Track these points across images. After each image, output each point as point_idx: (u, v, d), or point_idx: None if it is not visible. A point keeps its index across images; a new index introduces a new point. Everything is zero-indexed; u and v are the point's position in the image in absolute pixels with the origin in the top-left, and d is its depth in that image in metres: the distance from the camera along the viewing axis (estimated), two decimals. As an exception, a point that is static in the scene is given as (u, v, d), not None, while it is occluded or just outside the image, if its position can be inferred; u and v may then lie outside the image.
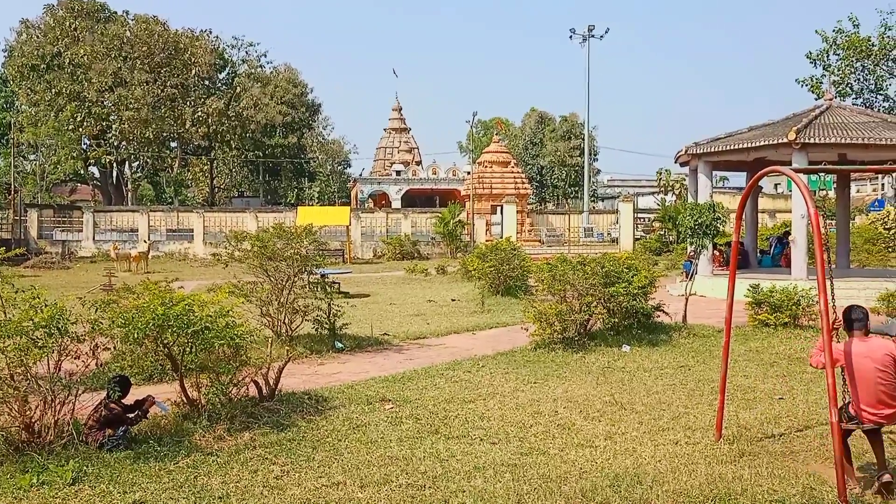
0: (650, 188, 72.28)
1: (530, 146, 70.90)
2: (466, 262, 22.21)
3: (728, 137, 20.96)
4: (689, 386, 9.11)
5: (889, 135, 18.17)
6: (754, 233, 25.74)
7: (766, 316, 13.40)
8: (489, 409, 8.12)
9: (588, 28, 53.57)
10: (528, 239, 42.49)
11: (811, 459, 6.29)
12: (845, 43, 35.82)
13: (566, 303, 11.77)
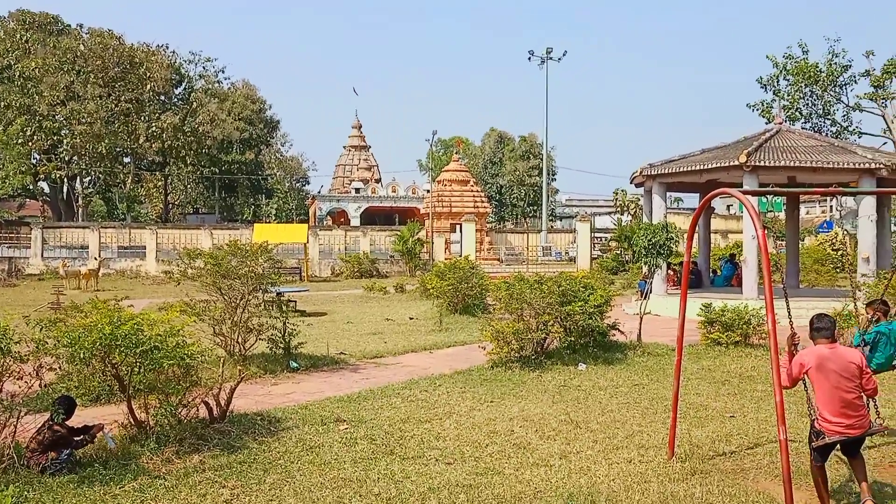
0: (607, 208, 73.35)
1: (490, 165, 71.51)
2: (425, 280, 22.19)
3: (681, 159, 21.40)
4: (643, 404, 9.19)
5: (836, 158, 18.77)
6: (707, 253, 26.24)
7: (718, 335, 13.64)
8: (445, 428, 8.07)
9: (546, 50, 54.31)
10: (487, 257, 42.67)
11: (761, 477, 6.38)
12: (795, 69, 36.95)
13: (523, 321, 11.81)
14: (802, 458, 6.87)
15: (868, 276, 17.59)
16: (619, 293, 25.06)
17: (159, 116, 52.34)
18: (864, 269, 18.87)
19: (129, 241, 41.55)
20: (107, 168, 53.27)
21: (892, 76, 34.16)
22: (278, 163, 71.04)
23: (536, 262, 41.49)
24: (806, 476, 6.21)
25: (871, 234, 19.38)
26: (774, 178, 20.45)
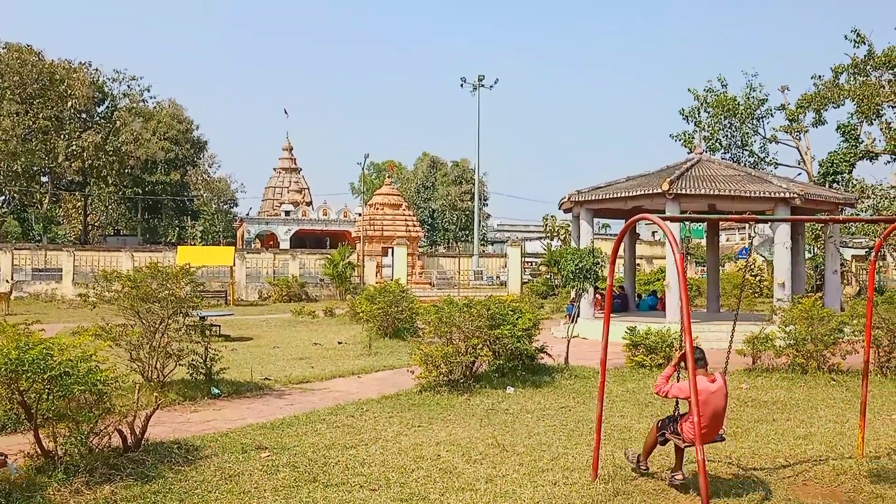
0: (538, 233, 74.47)
1: (422, 189, 71.85)
2: (355, 304, 21.95)
3: (608, 186, 21.94)
4: (570, 427, 9.25)
5: (753, 188, 19.55)
6: (632, 278, 26.88)
7: (643, 357, 13.92)
8: (371, 454, 7.94)
9: (478, 77, 55.20)
10: (419, 281, 42.66)
11: (680, 497, 6.47)
12: (714, 101, 38.42)
13: (452, 345, 11.77)
14: (719, 476, 7.03)
15: (784, 301, 18.29)
16: (549, 317, 25.48)
17: (80, 135, 50.68)
18: (780, 293, 19.63)
19: (45, 264, 39.83)
20: (22, 187, 51.11)
21: (806, 110, 35.87)
22: (205, 184, 69.62)
23: (468, 286, 41.70)
24: (724, 495, 6.35)
25: (787, 260, 20.20)
26: (695, 206, 21.16)
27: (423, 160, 75.76)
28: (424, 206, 70.59)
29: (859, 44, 32.00)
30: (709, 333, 16.47)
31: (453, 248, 65.25)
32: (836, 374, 12.98)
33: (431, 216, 70.78)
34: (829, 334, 13.44)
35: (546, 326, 19.74)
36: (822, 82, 34.25)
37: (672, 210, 19.11)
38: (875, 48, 31.52)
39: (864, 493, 6.58)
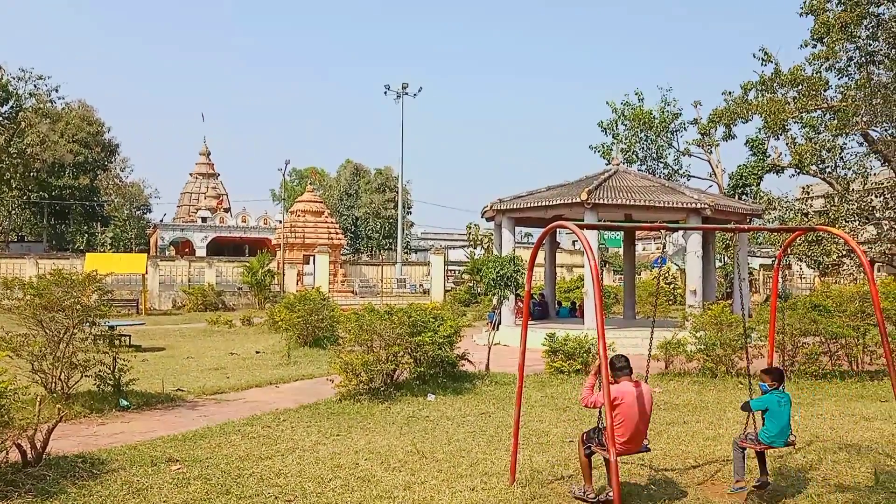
0: (461, 242, 74.94)
1: (345, 197, 71.25)
2: (274, 312, 21.52)
3: (529, 195, 22.28)
4: (489, 432, 9.30)
5: (667, 198, 20.22)
6: (553, 286, 27.35)
7: (561, 363, 14.16)
8: (287, 465, 7.76)
9: (402, 85, 55.28)
10: (341, 289, 42.24)
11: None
12: (631, 115, 39.61)
13: (373, 353, 11.68)
14: (631, 477, 7.20)
15: (695, 308, 18.94)
16: (471, 324, 25.61)
17: (-19, 136, 47.98)
18: (692, 300, 20.33)
19: (-59, 271, 37.43)
20: (-85, 190, 48.00)
21: (717, 125, 37.36)
22: (116, 189, 67.10)
23: (391, 294, 41.55)
24: (636, 495, 6.49)
25: (698, 268, 20.95)
26: (613, 216, 21.72)
27: (346, 167, 75.18)
28: (347, 214, 70.03)
29: (767, 62, 33.59)
30: (624, 340, 16.88)
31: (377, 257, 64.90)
32: (744, 378, 13.49)
33: (354, 224, 70.27)
34: (737, 339, 13.99)
35: (468, 334, 19.85)
36: (732, 98, 35.76)
37: (590, 219, 19.55)
38: (781, 67, 33.17)
39: (767, 490, 6.84)
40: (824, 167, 32.48)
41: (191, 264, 41.75)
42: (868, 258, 30.62)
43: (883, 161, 31.34)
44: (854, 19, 27.97)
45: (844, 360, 14.26)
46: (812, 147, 31.88)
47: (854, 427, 9.60)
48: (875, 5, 27.70)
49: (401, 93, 55.10)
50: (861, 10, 27.58)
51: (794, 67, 32.46)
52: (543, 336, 14.83)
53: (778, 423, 6.49)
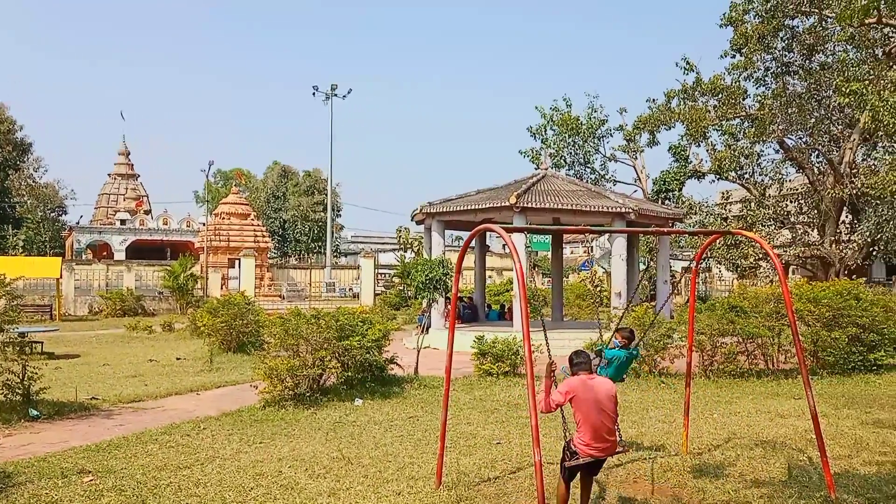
0: (392, 245, 74.67)
1: (272, 199, 69.91)
2: (196, 317, 20.90)
3: (458, 199, 22.34)
4: (417, 436, 9.22)
5: (593, 202, 20.60)
6: (482, 289, 27.49)
7: (490, 366, 14.21)
8: (207, 474, 7.50)
9: (331, 87, 54.71)
10: (268, 294, 41.46)
11: (522, 499, 6.60)
12: (559, 120, 40.23)
13: (299, 358, 11.45)
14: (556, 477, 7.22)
15: (619, 309, 19.33)
16: (401, 328, 25.49)
17: None
18: (617, 302, 20.76)
19: None
20: None
21: (641, 131, 38.30)
22: (29, 189, 64.10)
23: (320, 298, 41.02)
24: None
25: (623, 271, 21.41)
26: (541, 219, 21.99)
27: (273, 169, 73.80)
28: (275, 217, 68.73)
29: (689, 71, 34.64)
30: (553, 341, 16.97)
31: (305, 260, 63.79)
32: (666, 377, 13.85)
33: (282, 227, 69.05)
34: (660, 340, 14.34)
35: (398, 337, 19.72)
36: (656, 105, 36.71)
37: (519, 223, 19.73)
38: (702, 76, 34.27)
39: (687, 487, 6.99)
40: (742, 173, 33.67)
41: (109, 268, 40.22)
42: (783, 261, 31.97)
43: (797, 168, 32.76)
44: (770, 31, 29.15)
45: (761, 359, 14.78)
46: (731, 154, 33.02)
47: (769, 424, 9.93)
48: (790, 18, 28.93)
49: (330, 94, 54.52)
50: (777, 23, 28.76)
51: (715, 77, 33.57)
52: (473, 339, 14.86)
53: (614, 374, 7.46)
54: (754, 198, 32.91)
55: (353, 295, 44.92)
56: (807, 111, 29.37)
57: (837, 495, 6.58)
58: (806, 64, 29.78)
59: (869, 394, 12.36)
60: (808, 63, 29.74)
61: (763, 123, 30.54)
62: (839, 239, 30.05)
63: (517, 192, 20.19)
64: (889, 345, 14.89)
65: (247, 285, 36.93)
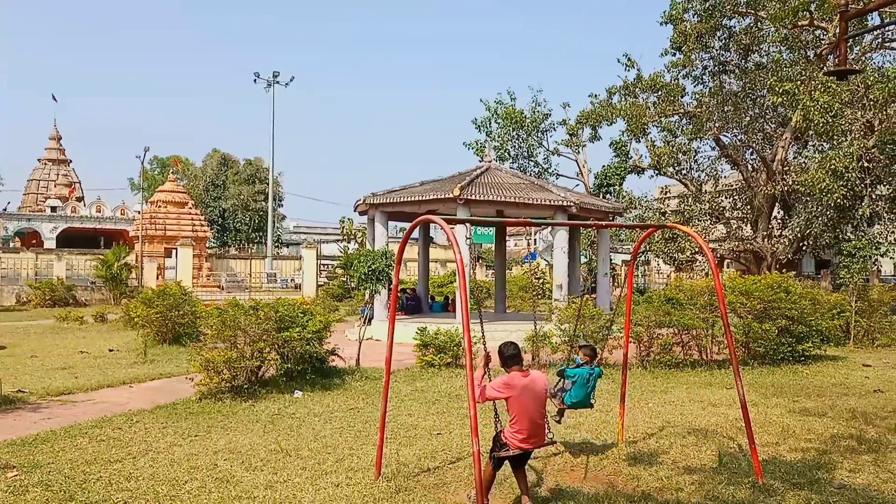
0: (335, 236, 73.98)
1: (212, 188, 68.21)
2: (130, 308, 20.31)
3: (402, 190, 22.23)
4: (357, 427, 9.16)
5: (535, 195, 20.76)
6: (426, 280, 27.46)
7: (432, 357, 14.22)
8: (139, 468, 7.30)
9: (273, 74, 53.81)
10: (207, 284, 40.64)
11: (460, 489, 6.62)
12: (504, 113, 40.45)
13: (237, 349, 11.24)
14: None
15: (560, 301, 19.59)
16: (343, 319, 25.33)
17: None
18: (558, 294, 21.01)
19: None
20: None
21: (583, 126, 38.83)
22: (-46, 175, 61.24)
23: (261, 289, 40.39)
24: (500, 484, 6.57)
25: (564, 264, 21.66)
26: (484, 211, 22.07)
27: (212, 157, 72.02)
28: (214, 206, 67.11)
29: (630, 67, 35.28)
30: (495, 333, 17.11)
31: (245, 250, 62.81)
32: (605, 368, 14.05)
33: (222, 216, 67.50)
34: (599, 331, 14.57)
35: (340, 329, 19.58)
36: (598, 101, 37.27)
37: (463, 215, 19.75)
38: (643, 73, 34.92)
39: (622, 475, 7.13)
40: (680, 169, 34.45)
41: (38, 256, 38.78)
42: (718, 255, 32.89)
43: (732, 165, 33.72)
44: (709, 30, 29.88)
45: (695, 349, 15.19)
46: (669, 150, 33.75)
47: (702, 413, 10.20)
48: (727, 18, 29.70)
49: (272, 81, 53.63)
50: (715, 22, 29.48)
51: (655, 74, 34.24)
52: (415, 330, 14.84)
53: (583, 392, 7.41)
54: (691, 193, 33.74)
55: (295, 286, 44.39)
56: (742, 110, 30.23)
57: (765, 481, 6.80)
58: (742, 63, 30.62)
59: (797, 383, 12.82)
60: (743, 63, 30.59)
61: (700, 121, 31.31)
62: (771, 234, 31.05)
63: (461, 184, 20.21)
64: (816, 336, 15.48)
65: (184, 275, 36.07)
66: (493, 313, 25.83)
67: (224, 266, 46.78)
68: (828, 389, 12.16)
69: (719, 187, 35.01)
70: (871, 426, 9.29)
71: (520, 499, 6.12)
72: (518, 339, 15.17)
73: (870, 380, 13.26)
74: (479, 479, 5.30)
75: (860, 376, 13.68)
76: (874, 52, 28.63)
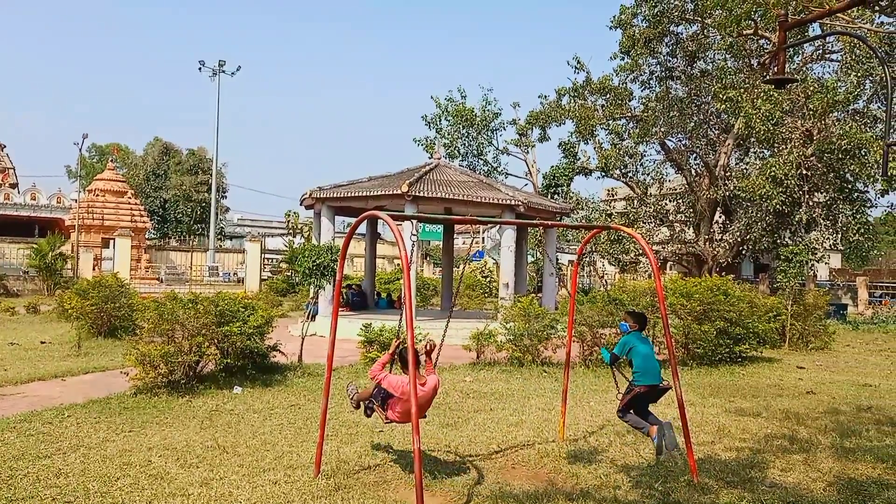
0: (281, 230, 72.94)
1: (153, 178, 66.34)
2: (65, 299, 19.63)
3: (350, 185, 22.03)
4: (298, 424, 9.03)
5: (484, 194, 20.82)
6: (372, 277, 27.32)
7: (377, 354, 14.05)
8: (69, 463, 7.04)
9: (219, 63, 52.74)
10: (146, 276, 39.63)
11: (401, 486, 6.57)
12: (454, 111, 40.52)
13: (175, 343, 10.95)
14: (437, 465, 7.26)
15: (506, 300, 19.68)
16: (287, 314, 24.99)
17: None
18: (504, 293, 21.12)
19: None
20: None
21: (533, 126, 39.17)
22: None
23: (202, 282, 39.59)
24: (440, 482, 6.55)
25: (511, 262, 21.80)
26: (433, 208, 22.03)
27: (154, 145, 70.05)
28: (155, 196, 65.26)
29: (580, 70, 35.74)
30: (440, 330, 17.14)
31: (187, 242, 61.30)
32: (548, 367, 14.22)
33: (163, 207, 65.74)
34: (543, 330, 14.70)
35: (284, 324, 19.31)
36: (548, 102, 37.64)
37: (410, 211, 19.67)
38: (592, 75, 35.38)
39: (562, 473, 7.18)
40: (626, 172, 35.05)
41: (-33, 245, 37.25)
42: (661, 257, 33.58)
43: (677, 169, 34.45)
44: (657, 36, 30.45)
45: (637, 349, 15.41)
46: (616, 153, 34.30)
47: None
48: (675, 24, 30.31)
49: (217, 70, 52.55)
50: (663, 28, 30.06)
51: (603, 77, 34.74)
52: (360, 326, 14.70)
53: (644, 359, 7.00)
54: (637, 196, 34.36)
55: (238, 280, 43.61)
56: (687, 115, 30.90)
57: (700, 479, 6.93)
58: (688, 70, 31.29)
59: (733, 384, 13.15)
60: (689, 69, 31.26)
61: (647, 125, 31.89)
62: (712, 238, 31.83)
63: (409, 180, 20.14)
64: (753, 338, 15.89)
65: (121, 267, 35.07)
66: (440, 311, 25.84)
67: (164, 258, 45.66)
68: (763, 390, 12.51)
69: (664, 191, 35.72)
70: (803, 426, 9.58)
71: None
72: (463, 339, 15.21)
73: (803, 381, 13.69)
74: (418, 476, 5.26)
75: (794, 378, 14.11)
76: (815, 63, 29.58)
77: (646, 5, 30.29)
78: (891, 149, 4.87)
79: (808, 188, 26.15)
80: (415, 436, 5.26)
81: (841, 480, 7.07)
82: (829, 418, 10.13)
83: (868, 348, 20.30)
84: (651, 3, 29.72)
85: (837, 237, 29.20)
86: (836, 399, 11.81)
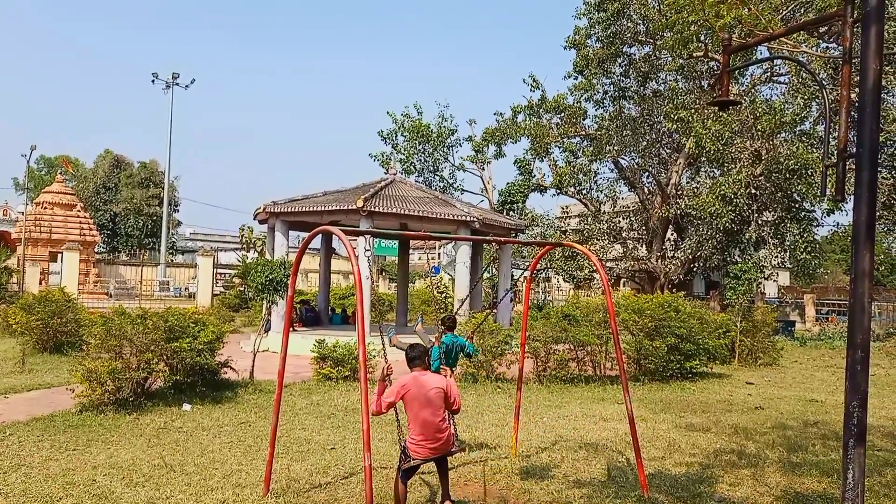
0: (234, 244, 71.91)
1: (103, 190, 64.85)
2: (9, 314, 19.02)
3: (304, 199, 21.87)
4: (248, 442, 8.88)
5: (439, 210, 20.88)
6: (327, 292, 27.11)
7: (329, 370, 13.99)
8: (10, 483, 6.83)
9: (172, 75, 52.02)
10: (94, 291, 38.65)
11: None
12: (410, 127, 40.57)
13: (122, 360, 10.69)
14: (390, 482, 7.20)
15: (462, 316, 19.70)
16: (239, 330, 24.62)
17: None
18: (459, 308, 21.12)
19: None
20: None
21: (489, 143, 39.41)
22: None
23: (152, 297, 38.73)
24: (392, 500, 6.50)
25: (466, 278, 21.86)
26: (388, 224, 22.00)
27: (104, 158, 68.52)
28: (105, 209, 63.76)
29: (535, 88, 36.14)
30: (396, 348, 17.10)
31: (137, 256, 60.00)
32: (502, 382, 14.26)
33: (112, 220, 64.25)
34: (497, 346, 14.75)
35: (236, 340, 19.02)
36: (504, 119, 37.95)
37: (365, 226, 19.61)
38: (547, 94, 35.81)
39: (514, 488, 7.20)
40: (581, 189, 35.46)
41: None
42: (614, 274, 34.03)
43: (630, 187, 35.01)
44: (610, 56, 30.99)
45: (590, 365, 15.59)
46: (571, 170, 34.70)
47: (594, 427, 10.47)
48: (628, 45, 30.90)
49: (171, 83, 51.84)
50: (616, 49, 30.61)
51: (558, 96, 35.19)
52: (313, 342, 14.57)
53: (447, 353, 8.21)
54: (591, 213, 34.80)
55: (190, 295, 42.82)
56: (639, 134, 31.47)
57: (650, 494, 7.02)
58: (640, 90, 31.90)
59: (684, 399, 13.36)
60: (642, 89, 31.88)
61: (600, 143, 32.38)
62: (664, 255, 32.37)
63: (364, 195, 20.09)
64: (703, 354, 16.19)
65: (69, 281, 34.13)
66: (395, 326, 25.72)
67: (113, 272, 44.61)
68: (713, 406, 12.73)
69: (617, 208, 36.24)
70: (752, 441, 9.78)
71: None
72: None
73: (752, 397, 13.98)
74: (369, 495, 5.22)
75: (743, 393, 14.40)
76: (763, 85, 30.44)
77: (599, 27, 30.83)
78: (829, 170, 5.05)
79: (756, 207, 26.79)
80: (365, 452, 5.22)
81: (788, 495, 7.24)
82: (777, 433, 10.36)
83: (815, 364, 20.84)
84: (604, 25, 30.26)
85: (785, 255, 29.95)
86: (783, 414, 12.08)
